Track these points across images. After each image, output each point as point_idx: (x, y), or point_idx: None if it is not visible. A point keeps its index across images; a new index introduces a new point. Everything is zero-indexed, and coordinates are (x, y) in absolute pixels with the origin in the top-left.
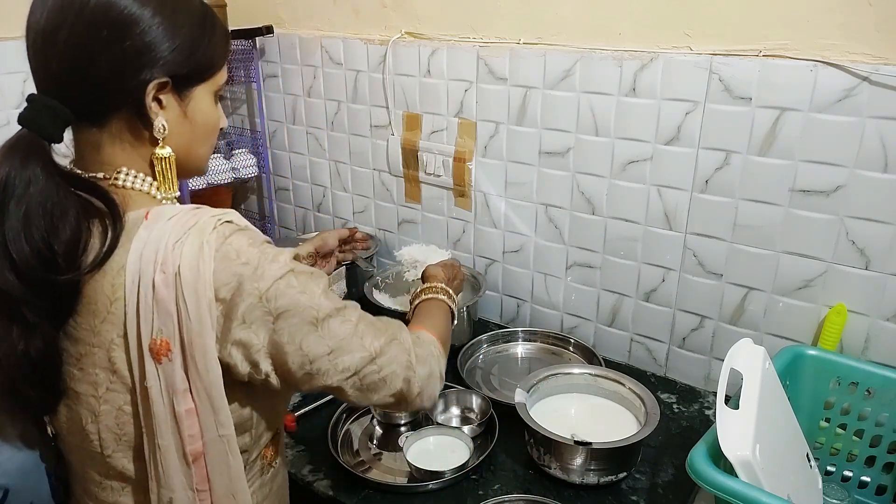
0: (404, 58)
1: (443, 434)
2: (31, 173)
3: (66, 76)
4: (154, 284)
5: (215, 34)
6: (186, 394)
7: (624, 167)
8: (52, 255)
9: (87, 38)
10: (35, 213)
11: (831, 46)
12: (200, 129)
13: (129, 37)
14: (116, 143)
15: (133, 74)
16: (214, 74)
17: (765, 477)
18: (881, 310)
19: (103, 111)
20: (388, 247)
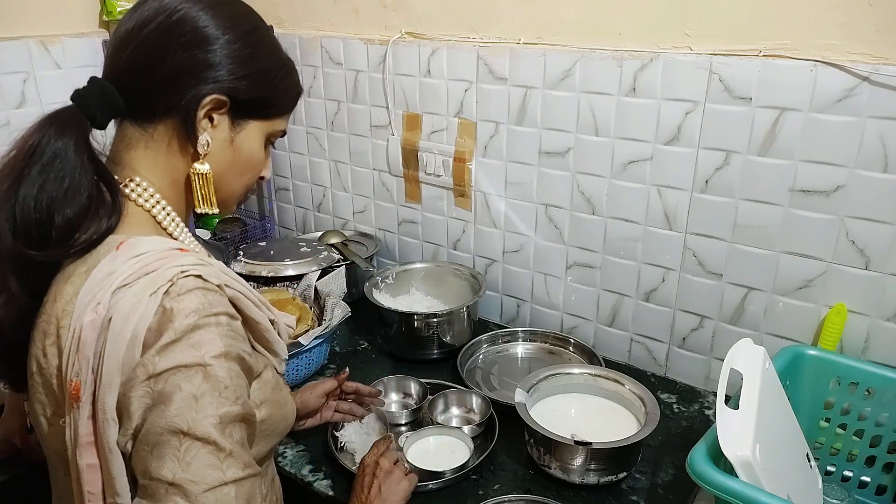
0: (404, 58)
1: (443, 434)
2: (62, 146)
3: (134, 67)
4: (83, 325)
5: (289, 82)
6: (90, 448)
7: (624, 167)
8: (49, 227)
9: (167, 38)
10: (51, 183)
11: (831, 46)
12: (242, 161)
13: (203, 49)
14: (150, 149)
15: (195, 83)
16: (274, 118)
17: (765, 477)
18: (881, 310)
19: (155, 112)
20: (388, 247)
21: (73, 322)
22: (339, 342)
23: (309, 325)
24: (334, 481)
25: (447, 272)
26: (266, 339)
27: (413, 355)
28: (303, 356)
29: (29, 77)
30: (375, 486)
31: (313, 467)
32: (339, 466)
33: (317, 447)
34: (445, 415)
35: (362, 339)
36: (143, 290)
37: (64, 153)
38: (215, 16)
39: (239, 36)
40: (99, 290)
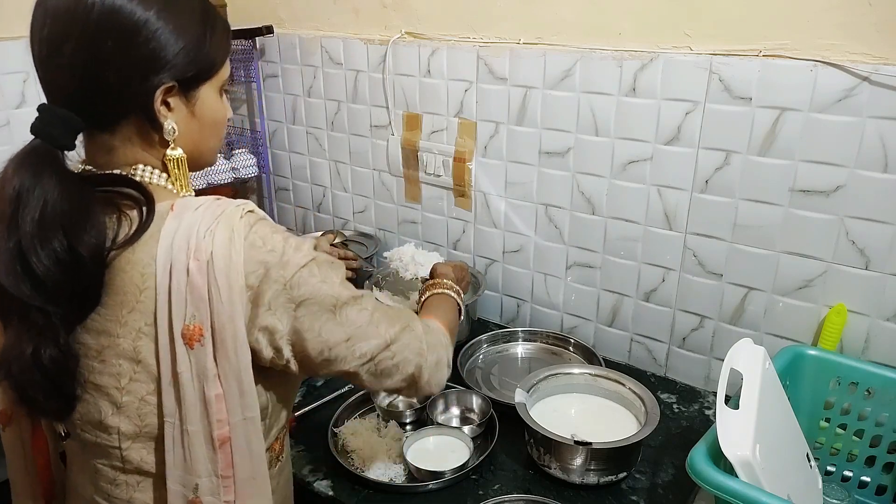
0: (404, 58)
1: (443, 434)
2: (45, 184)
3: (75, 86)
4: (188, 271)
5: (216, 31)
6: (216, 379)
7: (624, 167)
8: (76, 260)
9: (94, 48)
10: (52, 224)
11: (831, 46)
12: (209, 126)
13: (135, 45)
14: (128, 146)
15: (141, 81)
16: (218, 71)
17: (765, 477)
18: (881, 310)
19: (113, 117)
20: (388, 247)
21: (163, 276)
22: None
23: None
24: (334, 481)
25: None
26: None
27: None
28: None
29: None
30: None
31: (313, 467)
32: (339, 466)
33: (317, 447)
34: (445, 415)
35: None
36: (226, 227)
37: (51, 190)
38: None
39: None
40: (185, 242)
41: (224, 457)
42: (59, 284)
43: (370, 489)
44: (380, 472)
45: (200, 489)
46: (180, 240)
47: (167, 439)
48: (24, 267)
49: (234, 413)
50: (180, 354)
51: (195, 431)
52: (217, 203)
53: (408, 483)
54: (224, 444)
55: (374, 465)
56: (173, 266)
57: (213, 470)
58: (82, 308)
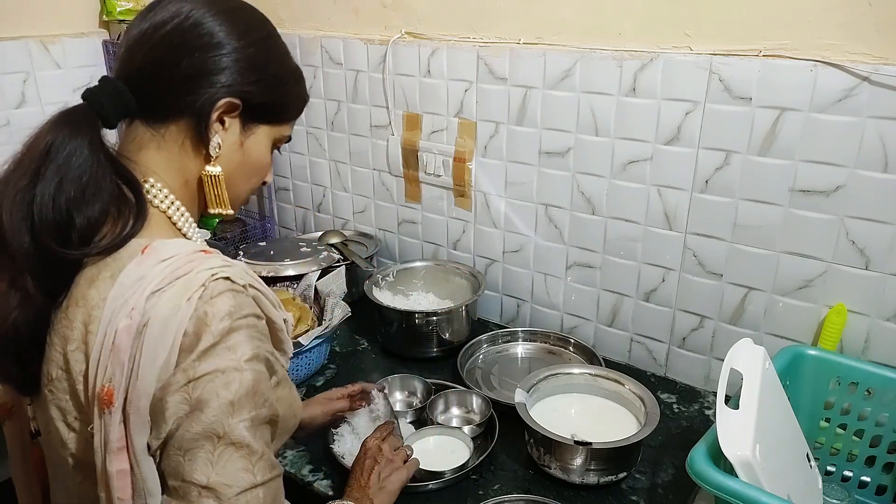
0: (404, 58)
1: (443, 434)
2: (76, 144)
3: (148, 68)
4: (117, 330)
5: (298, 90)
6: (122, 453)
7: (624, 167)
8: (69, 227)
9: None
10: (69, 183)
11: (831, 46)
12: (250, 164)
13: (218, 52)
14: (162, 150)
15: (209, 85)
16: (283, 123)
17: (765, 477)
18: (881, 310)
19: (167, 112)
20: (388, 247)
21: (102, 328)
22: (340, 342)
23: (309, 325)
24: (334, 481)
25: (447, 271)
26: (279, 339)
27: (413, 353)
28: (303, 356)
29: (29, 77)
30: (375, 472)
31: (313, 467)
32: (339, 466)
33: (317, 447)
34: (445, 415)
35: (362, 339)
36: (178, 295)
37: (80, 152)
38: (230, 21)
39: (253, 42)
40: (131, 296)
41: None
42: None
43: None
44: None
45: None
46: (129, 292)
47: None
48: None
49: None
50: (95, 415)
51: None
52: (189, 260)
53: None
54: None
55: None
56: (112, 318)
57: None
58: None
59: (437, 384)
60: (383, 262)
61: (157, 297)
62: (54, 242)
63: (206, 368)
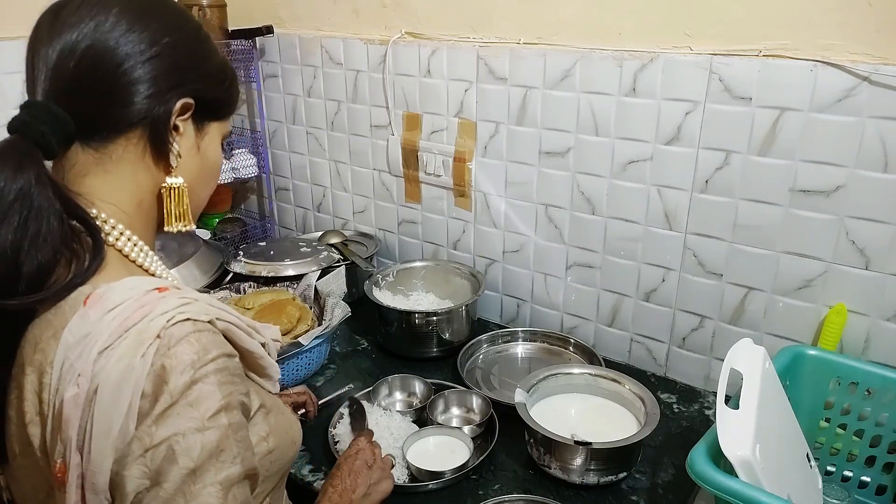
0: (404, 58)
1: (443, 434)
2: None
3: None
4: (63, 399)
5: (234, 79)
6: None
7: (624, 167)
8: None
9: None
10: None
11: (831, 46)
12: (208, 168)
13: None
14: (109, 173)
15: (160, 89)
16: (228, 116)
17: (765, 477)
18: (881, 310)
19: (112, 128)
20: (388, 247)
21: (50, 397)
22: (340, 342)
23: (309, 325)
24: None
25: (447, 271)
26: (259, 367)
27: (413, 353)
28: (303, 356)
29: None
30: (365, 476)
31: (313, 467)
32: None
33: (317, 447)
34: (445, 415)
35: (362, 339)
36: (130, 352)
37: (27, 193)
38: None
39: (188, 35)
40: (77, 359)
41: None
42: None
43: None
44: None
45: None
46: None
47: None
48: None
49: None
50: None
51: None
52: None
53: (408, 483)
54: None
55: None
56: (59, 386)
57: None
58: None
59: (437, 384)
60: (383, 262)
61: (105, 358)
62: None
63: (164, 434)
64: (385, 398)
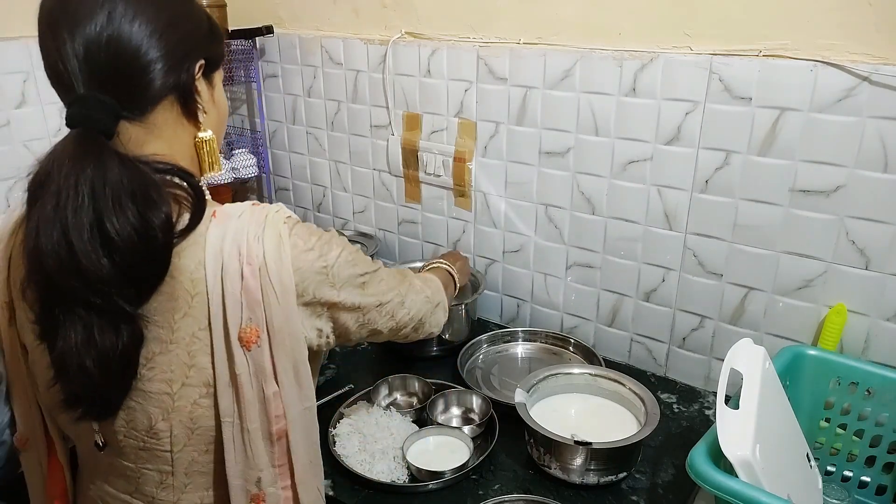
0: (404, 58)
1: (443, 434)
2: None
3: (115, 71)
4: (242, 276)
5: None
6: (272, 377)
7: (624, 167)
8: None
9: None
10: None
11: (831, 46)
12: (222, 114)
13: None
14: (159, 137)
15: (181, 57)
16: (222, 63)
17: (765, 477)
18: (881, 310)
19: (151, 100)
20: (388, 247)
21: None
22: None
23: None
24: (334, 481)
25: None
26: None
27: (413, 353)
28: None
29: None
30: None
31: None
32: (339, 466)
33: None
34: (445, 415)
35: None
36: (273, 233)
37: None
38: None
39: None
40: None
41: (280, 448)
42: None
43: (370, 489)
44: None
45: (263, 481)
46: (230, 246)
47: (226, 439)
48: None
49: (292, 406)
50: (238, 356)
51: (255, 429)
52: (259, 210)
53: (408, 483)
54: (281, 438)
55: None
56: (225, 272)
57: (271, 461)
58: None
59: (437, 384)
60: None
61: (259, 242)
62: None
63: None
64: (385, 398)
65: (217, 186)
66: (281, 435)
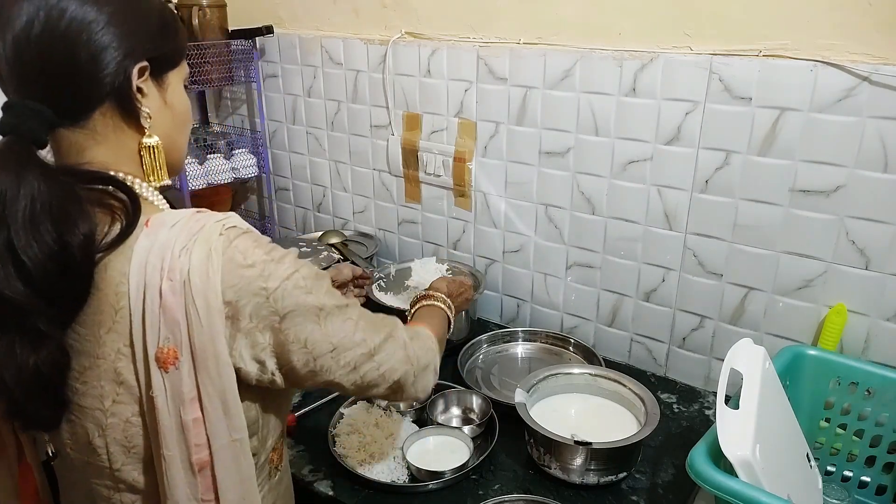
0: (404, 58)
1: (443, 434)
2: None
3: (45, 74)
4: (161, 293)
5: (176, 24)
6: (194, 402)
7: (624, 167)
8: (67, 251)
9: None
10: (42, 217)
11: (831, 46)
12: (179, 116)
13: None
14: (101, 143)
15: (112, 61)
16: (182, 60)
17: (765, 477)
18: (881, 310)
19: (86, 106)
20: (388, 247)
21: (136, 296)
22: None
23: None
24: (334, 481)
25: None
26: None
27: None
28: None
29: None
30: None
31: (313, 467)
32: (339, 466)
33: (317, 447)
34: (445, 415)
35: None
36: (203, 247)
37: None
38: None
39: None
40: (160, 261)
41: (204, 480)
42: (51, 279)
43: (370, 489)
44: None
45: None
46: (154, 259)
47: (155, 460)
48: (15, 263)
49: (218, 437)
50: (155, 378)
51: (171, 456)
52: (195, 218)
53: (408, 483)
54: (204, 469)
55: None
56: (147, 286)
57: (193, 494)
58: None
59: (437, 384)
60: (383, 262)
61: (186, 255)
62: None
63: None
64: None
65: (217, 187)
66: (203, 466)
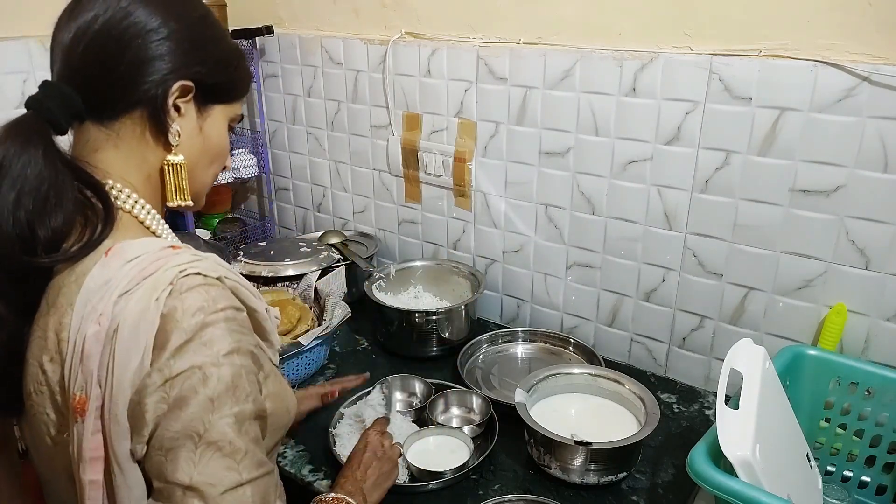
0: (404, 58)
1: (443, 434)
2: (30, 156)
3: (89, 66)
4: (85, 337)
5: (242, 65)
6: (96, 463)
7: (624, 167)
8: (32, 241)
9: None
10: (26, 196)
11: (831, 46)
12: (211, 148)
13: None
14: (118, 148)
15: (157, 71)
16: (235, 101)
17: (765, 477)
18: (881, 310)
19: (118, 107)
20: (388, 247)
21: (72, 335)
22: (339, 342)
23: (309, 325)
24: (334, 481)
25: (447, 270)
26: (263, 329)
27: (413, 353)
28: (303, 356)
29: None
30: (375, 468)
31: (313, 467)
32: (339, 466)
33: (317, 447)
34: (445, 415)
35: (362, 339)
36: (146, 296)
37: (35, 163)
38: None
39: (193, 22)
40: (98, 301)
41: None
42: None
43: None
44: None
45: None
46: (95, 297)
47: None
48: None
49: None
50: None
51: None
52: (157, 258)
53: (408, 483)
54: None
55: None
56: (81, 324)
57: None
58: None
59: (437, 384)
60: (383, 262)
61: (124, 300)
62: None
63: (182, 366)
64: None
65: (217, 187)
66: None
